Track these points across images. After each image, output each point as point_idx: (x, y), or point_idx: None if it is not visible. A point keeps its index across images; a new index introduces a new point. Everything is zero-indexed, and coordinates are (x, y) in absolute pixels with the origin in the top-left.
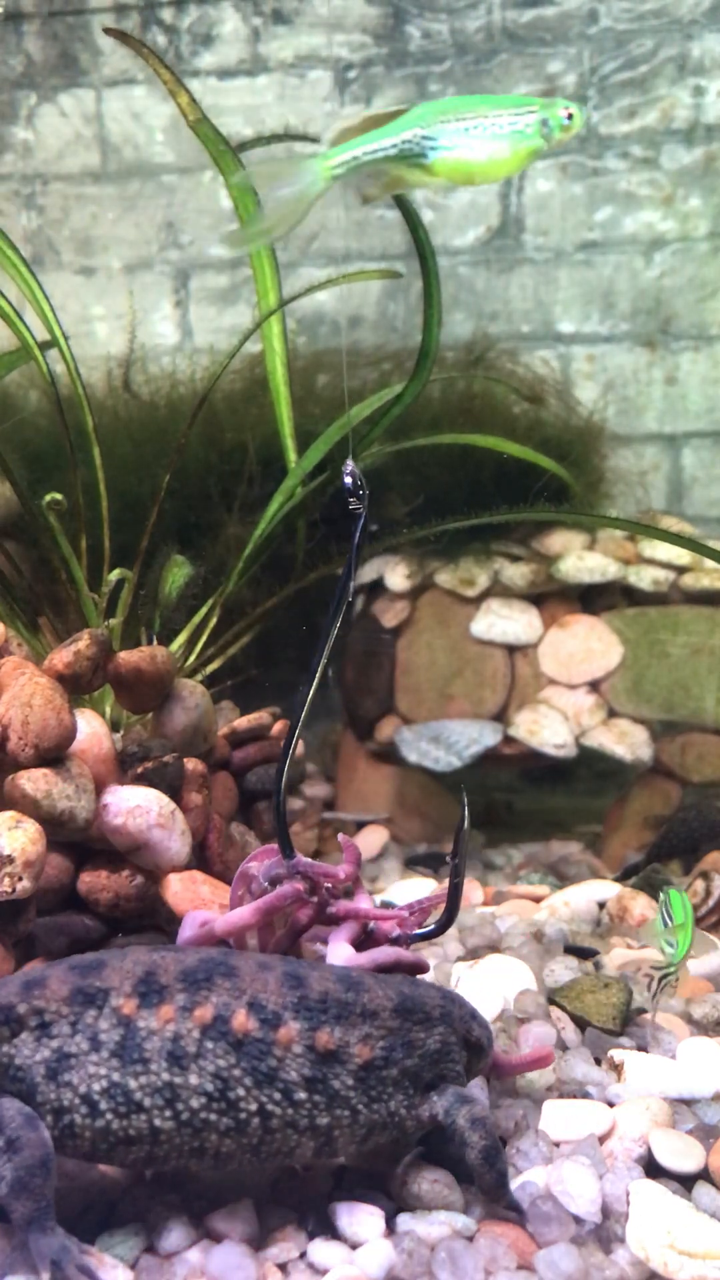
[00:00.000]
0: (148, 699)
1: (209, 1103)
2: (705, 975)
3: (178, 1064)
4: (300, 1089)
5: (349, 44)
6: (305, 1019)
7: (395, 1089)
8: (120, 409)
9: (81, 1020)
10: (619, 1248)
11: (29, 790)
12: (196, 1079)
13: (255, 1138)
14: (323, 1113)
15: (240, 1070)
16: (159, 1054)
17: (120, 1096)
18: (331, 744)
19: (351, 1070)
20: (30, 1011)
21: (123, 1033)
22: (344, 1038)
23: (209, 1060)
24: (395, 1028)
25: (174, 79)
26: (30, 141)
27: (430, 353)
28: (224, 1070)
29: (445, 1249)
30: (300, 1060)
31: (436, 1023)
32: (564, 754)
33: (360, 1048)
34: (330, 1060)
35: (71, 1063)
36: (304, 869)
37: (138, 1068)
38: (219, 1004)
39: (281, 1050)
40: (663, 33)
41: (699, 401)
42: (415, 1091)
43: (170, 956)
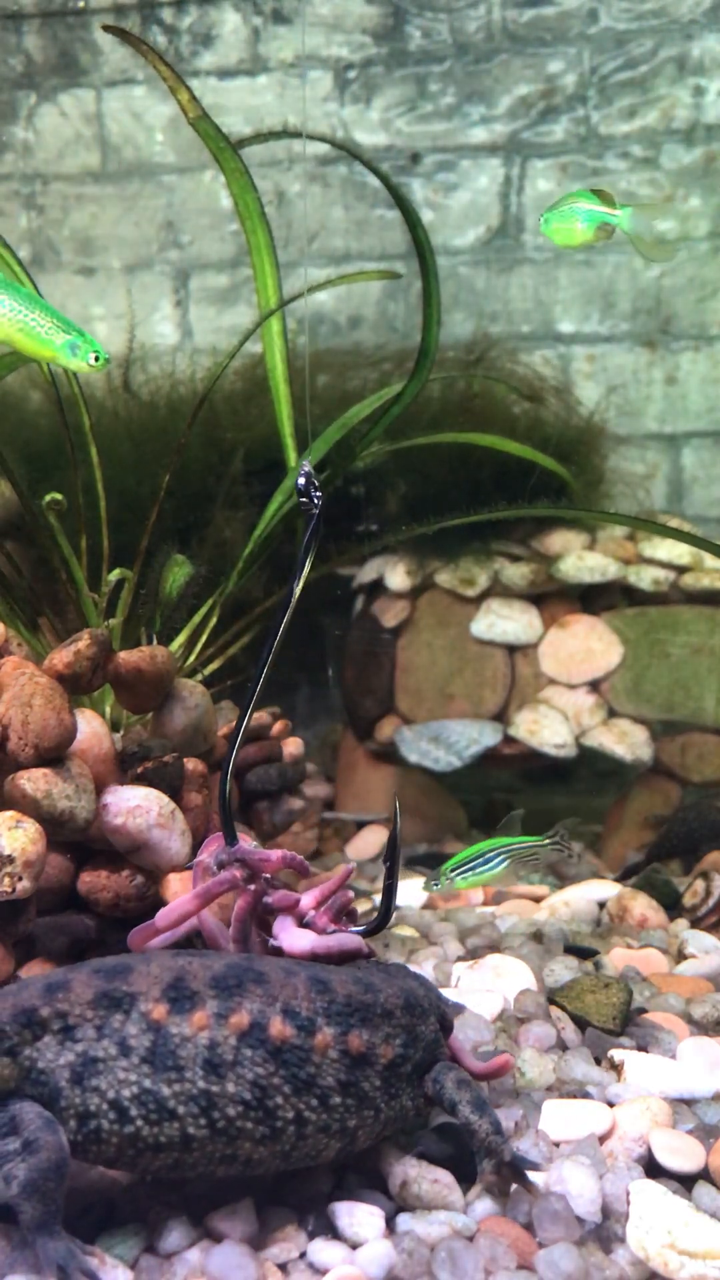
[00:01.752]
0: (148, 699)
1: (246, 1111)
2: (705, 975)
3: (214, 1071)
4: (336, 1093)
5: (349, 44)
6: (337, 1024)
7: (407, 1084)
8: (120, 409)
9: (108, 1024)
10: (619, 1248)
11: (29, 790)
12: (234, 1087)
13: (289, 1144)
14: (353, 1115)
15: (279, 1078)
16: (194, 1061)
17: (152, 1103)
18: (331, 744)
19: (378, 1071)
20: (53, 1015)
21: (153, 1038)
22: (370, 1039)
23: (247, 1068)
24: (406, 1024)
25: (174, 76)
26: (30, 141)
27: (429, 352)
28: (262, 1079)
29: (445, 1249)
30: (336, 1065)
31: (429, 1013)
32: (564, 754)
33: (385, 1048)
34: (362, 1063)
35: (99, 1067)
36: (241, 855)
37: (171, 1075)
38: (254, 1011)
39: (319, 1056)
40: (663, 33)
41: (699, 401)
42: (419, 1079)
43: (197, 962)
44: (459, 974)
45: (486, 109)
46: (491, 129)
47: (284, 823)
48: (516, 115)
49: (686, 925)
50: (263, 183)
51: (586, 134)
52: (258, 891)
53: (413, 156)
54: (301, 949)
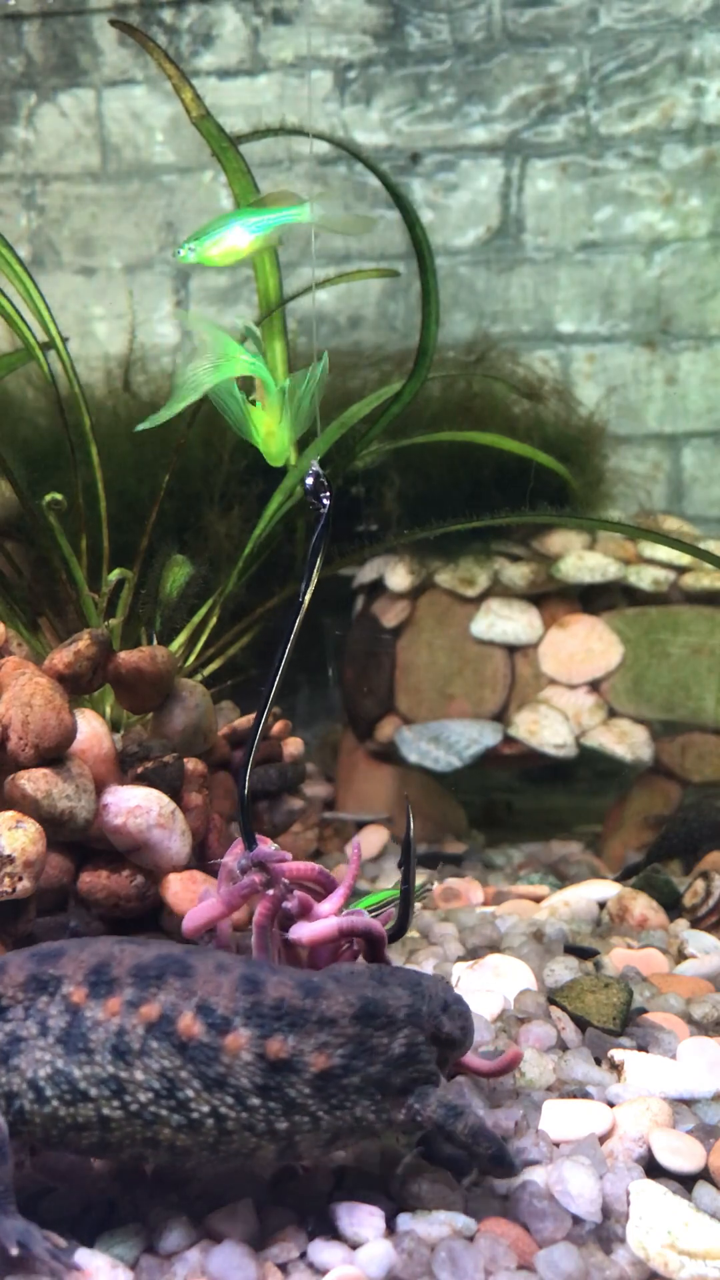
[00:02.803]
0: (148, 699)
1: (156, 1098)
2: (705, 975)
3: (121, 1058)
4: (253, 1095)
5: (349, 44)
6: (256, 1026)
7: (360, 1095)
8: (120, 409)
9: (34, 1006)
10: (619, 1248)
11: (29, 790)
12: (141, 1075)
13: (211, 1136)
14: (280, 1118)
15: (187, 1073)
16: (103, 1046)
17: (65, 1084)
18: (331, 744)
19: (307, 1079)
20: None
21: (69, 1020)
22: (298, 1046)
23: (153, 1059)
24: (355, 1035)
25: (179, 74)
26: (30, 141)
27: (429, 351)
28: (169, 1070)
29: (445, 1249)
30: (250, 1068)
31: (401, 1025)
32: (564, 754)
33: (316, 1056)
34: (283, 1069)
35: (21, 1047)
36: (261, 860)
37: (82, 1057)
38: (166, 1003)
39: (229, 1057)
40: (663, 33)
41: (699, 401)
42: (385, 1096)
43: (130, 949)
44: (459, 974)
45: (486, 109)
46: (491, 129)
47: (284, 823)
48: (516, 115)
49: (686, 925)
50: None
51: (586, 134)
52: (277, 897)
53: (413, 156)
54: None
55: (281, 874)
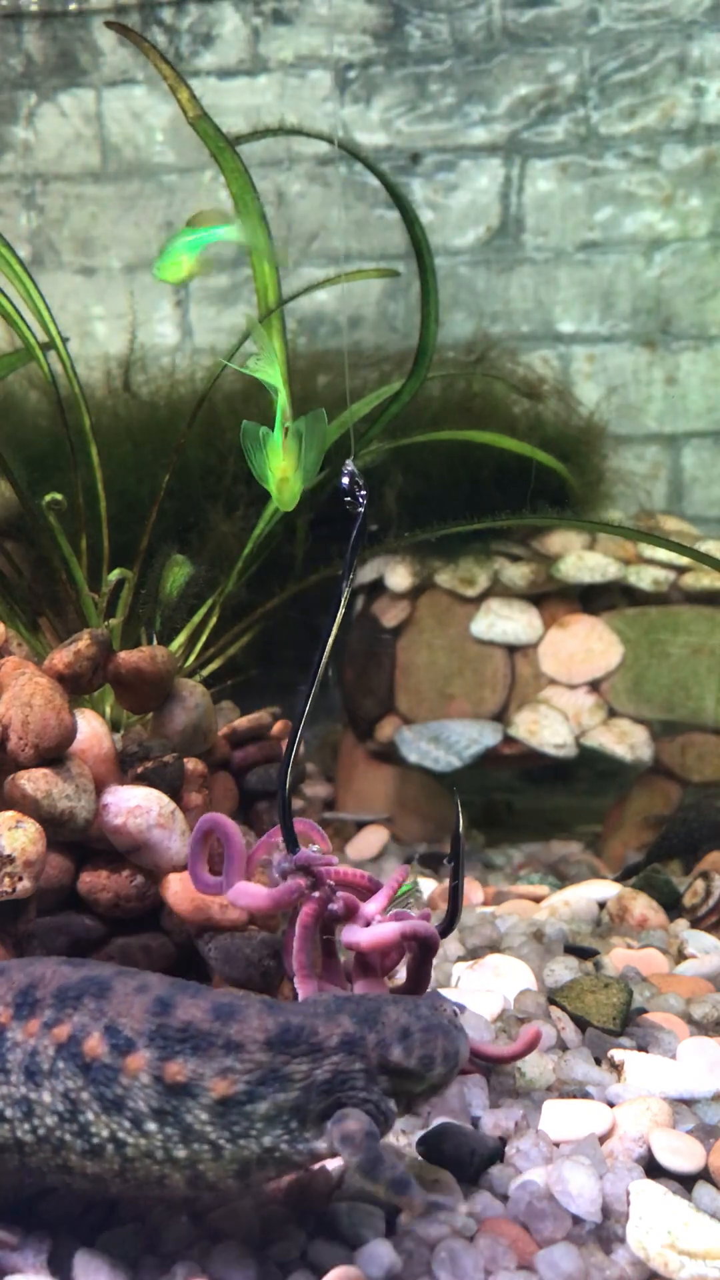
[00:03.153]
0: (148, 699)
1: (61, 1122)
2: (705, 975)
3: (32, 1079)
4: (150, 1120)
5: (349, 44)
6: (158, 1048)
7: (269, 1124)
8: (120, 409)
9: None
10: (619, 1248)
11: (29, 790)
12: (49, 1097)
13: (115, 1164)
14: (178, 1146)
15: (88, 1094)
16: (19, 1067)
17: None
18: (331, 744)
19: (206, 1105)
20: None
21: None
22: (198, 1070)
23: (59, 1080)
24: (264, 1061)
25: (175, 75)
26: (30, 141)
27: (428, 350)
28: (72, 1092)
29: (445, 1249)
30: (148, 1091)
31: (330, 1053)
32: (564, 754)
33: (217, 1081)
34: (180, 1093)
35: None
36: (305, 863)
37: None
38: (77, 1024)
39: (128, 1079)
40: (663, 33)
41: (699, 401)
42: (303, 1125)
43: (62, 971)
44: (459, 974)
45: (486, 109)
46: (491, 129)
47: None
48: (516, 115)
49: (686, 925)
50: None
51: (586, 134)
52: (323, 899)
53: (413, 156)
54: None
55: (327, 877)
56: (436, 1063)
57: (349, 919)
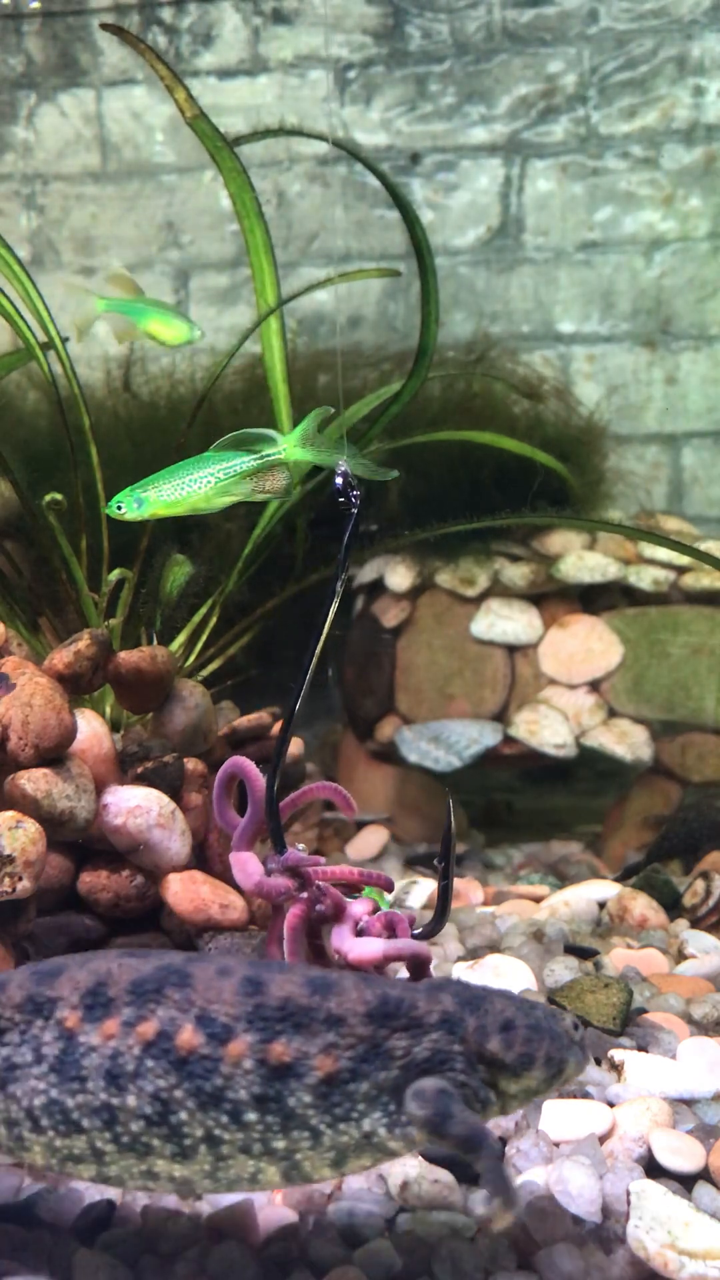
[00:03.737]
0: (148, 699)
1: (149, 1126)
2: (705, 975)
3: (115, 1084)
4: (249, 1109)
5: (349, 44)
6: (259, 1030)
7: (370, 1106)
8: (120, 409)
9: (30, 1030)
10: (619, 1248)
11: (29, 790)
12: (135, 1101)
13: (207, 1164)
14: (277, 1135)
15: (182, 1092)
16: (98, 1073)
17: (59, 1114)
18: (331, 744)
19: (310, 1085)
20: None
21: (63, 1047)
22: (302, 1048)
23: (148, 1081)
24: (367, 1035)
25: (171, 75)
26: (30, 141)
27: (428, 350)
28: (163, 1091)
29: (445, 1249)
30: (249, 1077)
31: (430, 1030)
32: (564, 754)
33: (322, 1059)
34: (284, 1075)
35: (17, 1074)
36: (293, 864)
37: (74, 1085)
38: (164, 1018)
39: (229, 1067)
40: (663, 33)
41: (699, 401)
42: (400, 1108)
43: (128, 964)
44: (459, 974)
45: (486, 109)
46: (491, 129)
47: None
48: (516, 115)
49: (686, 925)
50: (262, 183)
51: (586, 134)
52: (310, 900)
53: (413, 156)
54: (372, 954)
55: (314, 878)
56: (536, 1064)
57: (337, 919)
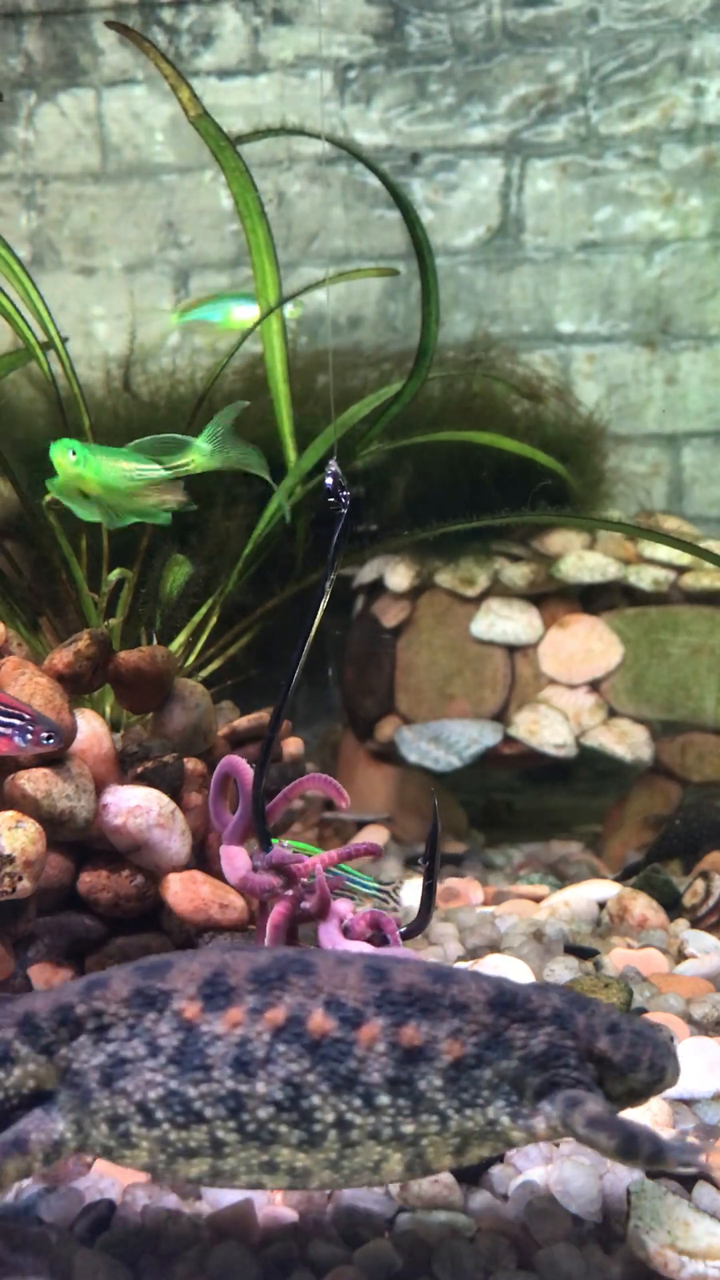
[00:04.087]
0: (148, 699)
1: (278, 1112)
2: (705, 975)
3: (244, 1070)
4: (382, 1092)
5: (349, 44)
6: (389, 1014)
7: (494, 1093)
8: (120, 409)
9: (140, 1024)
10: (619, 1248)
11: (29, 790)
12: (264, 1087)
13: (333, 1151)
14: (406, 1119)
15: (315, 1075)
16: (224, 1060)
17: (178, 1105)
18: (331, 744)
19: (439, 1069)
20: (89, 1013)
21: (183, 1038)
22: (431, 1032)
23: (279, 1066)
24: (489, 1023)
25: (175, 74)
26: (30, 141)
27: (428, 351)
28: (296, 1075)
29: (445, 1249)
30: (382, 1060)
31: (544, 1022)
32: (564, 754)
33: (450, 1043)
34: (416, 1058)
35: (127, 1069)
36: (278, 862)
37: (198, 1075)
38: (293, 1004)
39: (363, 1050)
40: (663, 33)
41: (699, 401)
42: (520, 1098)
43: (242, 956)
44: None
45: (486, 109)
46: (491, 129)
47: (283, 823)
48: (516, 115)
49: (686, 925)
50: (262, 183)
51: (586, 134)
52: (295, 897)
53: (413, 156)
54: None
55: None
56: (641, 1067)
57: (322, 918)
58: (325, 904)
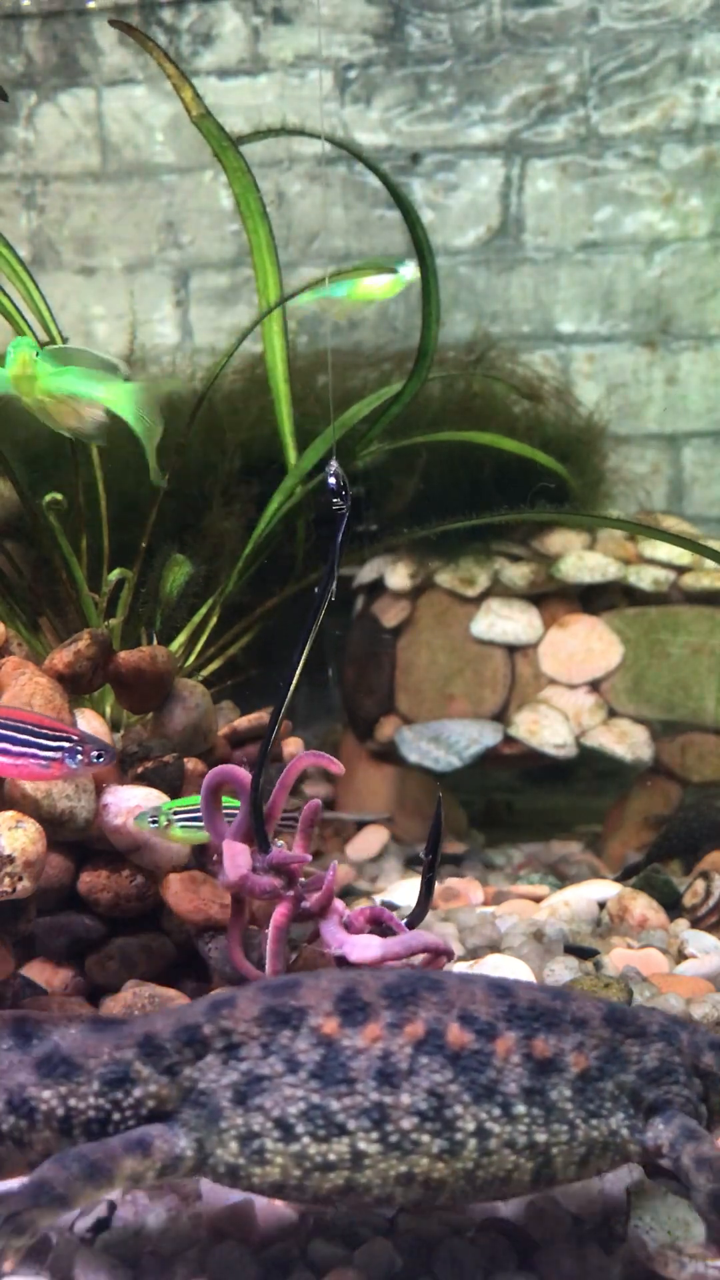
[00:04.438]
0: (148, 699)
1: (421, 1122)
2: (705, 975)
3: (389, 1082)
4: (519, 1101)
5: (349, 44)
6: (519, 1028)
7: (615, 1105)
8: None
9: (275, 1041)
10: (619, 1247)
11: (29, 790)
12: (409, 1098)
13: (470, 1161)
14: (540, 1128)
15: (458, 1085)
16: (368, 1074)
17: (320, 1119)
18: (331, 744)
19: (569, 1079)
20: (216, 1032)
21: (324, 1053)
22: (559, 1045)
23: (423, 1077)
24: (607, 1038)
25: (178, 74)
26: (30, 141)
27: (428, 351)
28: (439, 1086)
29: (445, 1249)
30: (518, 1070)
31: (654, 1039)
32: (564, 754)
33: (576, 1056)
34: (548, 1069)
35: (264, 1085)
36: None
37: (341, 1088)
38: (429, 1018)
39: (500, 1061)
40: (663, 33)
41: (699, 401)
42: (637, 1112)
43: (367, 974)
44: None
45: (486, 109)
46: (491, 129)
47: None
48: (516, 115)
49: (686, 925)
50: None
51: (586, 134)
52: (295, 897)
53: (413, 156)
54: (372, 957)
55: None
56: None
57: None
58: (329, 902)
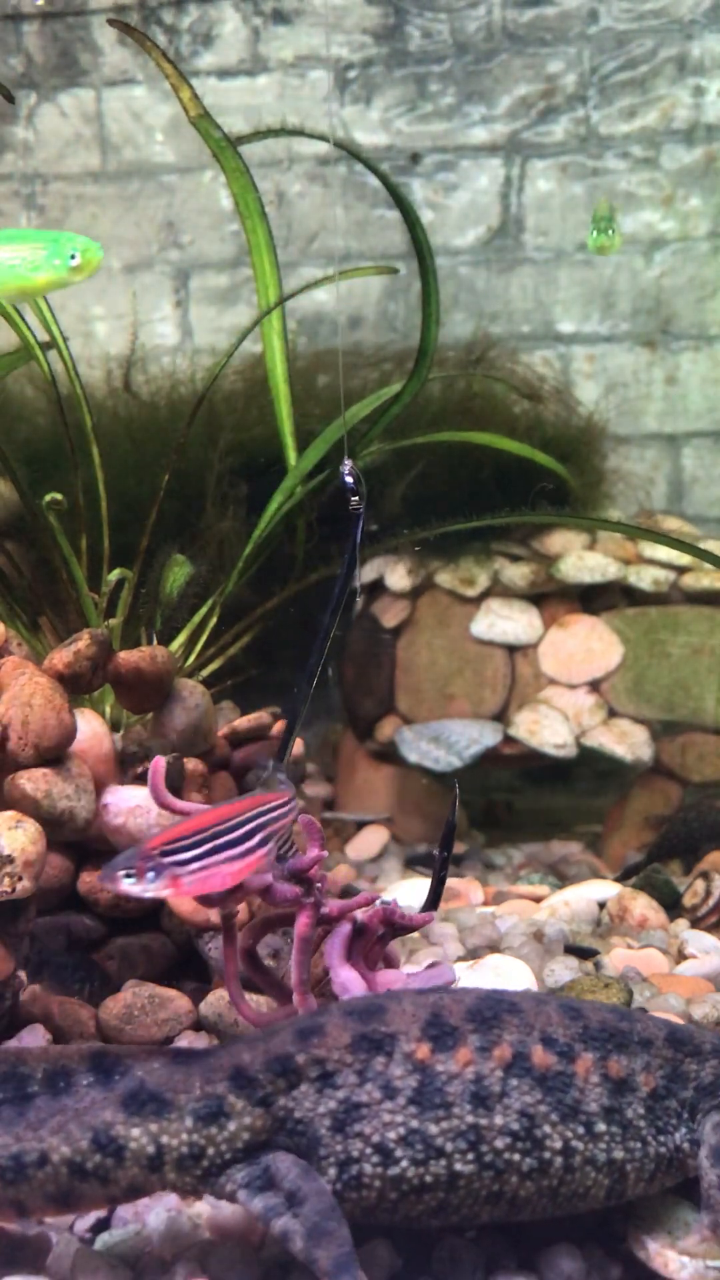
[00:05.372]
0: (148, 699)
1: (514, 1142)
2: (705, 975)
3: (483, 1105)
4: (600, 1119)
5: (349, 44)
6: (594, 1049)
7: (679, 1122)
8: (120, 409)
9: (369, 1068)
10: (619, 1248)
11: (29, 790)
12: (502, 1119)
13: (555, 1179)
14: (617, 1145)
15: (546, 1106)
16: (463, 1097)
17: (419, 1143)
18: (331, 744)
19: (641, 1099)
20: (310, 1061)
21: (420, 1079)
22: (629, 1065)
23: (514, 1098)
24: (670, 1057)
25: (177, 74)
26: (30, 141)
27: (428, 351)
28: (530, 1107)
29: (445, 1247)
30: (597, 1090)
31: (708, 1056)
32: (564, 754)
33: (645, 1076)
34: (623, 1089)
35: (363, 1112)
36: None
37: (439, 1112)
38: (515, 1041)
39: (581, 1081)
40: (663, 33)
41: (699, 401)
42: (696, 1128)
43: (448, 997)
44: (459, 974)
45: (486, 109)
46: (491, 129)
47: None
48: (516, 115)
49: (686, 925)
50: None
51: (586, 134)
52: (315, 904)
53: (413, 156)
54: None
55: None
56: None
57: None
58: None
